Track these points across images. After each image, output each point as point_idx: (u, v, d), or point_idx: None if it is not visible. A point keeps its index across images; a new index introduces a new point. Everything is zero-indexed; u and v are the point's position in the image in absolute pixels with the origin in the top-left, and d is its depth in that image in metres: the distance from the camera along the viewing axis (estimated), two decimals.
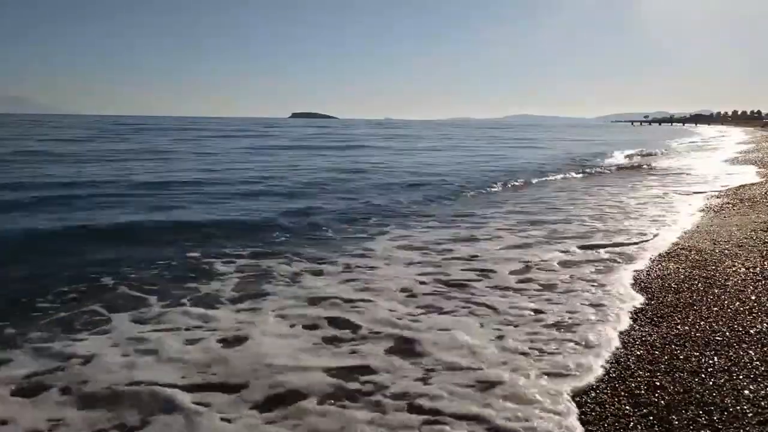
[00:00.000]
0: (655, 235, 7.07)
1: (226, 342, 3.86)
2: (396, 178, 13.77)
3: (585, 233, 7.41)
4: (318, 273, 5.59)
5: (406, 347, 3.77)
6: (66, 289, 4.90)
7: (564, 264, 5.83)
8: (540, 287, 5.07)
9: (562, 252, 6.32)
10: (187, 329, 4.10)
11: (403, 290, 5.02)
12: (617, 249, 6.41)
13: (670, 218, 8.42)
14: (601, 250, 6.35)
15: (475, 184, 12.59)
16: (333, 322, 4.27)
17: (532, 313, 4.38)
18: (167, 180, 12.53)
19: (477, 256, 6.24)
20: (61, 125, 60.13)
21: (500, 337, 3.90)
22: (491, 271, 5.58)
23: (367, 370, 3.44)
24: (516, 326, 4.11)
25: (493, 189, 12.28)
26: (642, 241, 6.63)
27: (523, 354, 3.60)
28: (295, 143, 32.23)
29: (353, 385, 3.24)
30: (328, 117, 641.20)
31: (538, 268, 5.67)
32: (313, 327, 4.18)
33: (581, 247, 6.54)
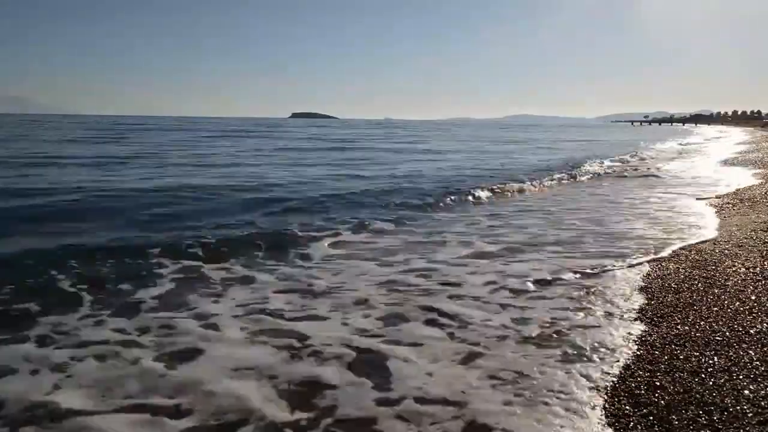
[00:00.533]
0: (656, 243, 7.05)
1: (164, 360, 3.58)
2: (388, 182, 13.15)
3: (571, 238, 7.36)
4: (266, 281, 5.35)
5: (365, 365, 3.53)
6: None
7: (551, 272, 5.54)
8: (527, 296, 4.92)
9: (545, 259, 6.15)
10: (113, 344, 3.81)
11: (358, 302, 4.73)
12: (615, 253, 6.41)
13: (669, 222, 8.41)
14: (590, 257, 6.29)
15: (465, 188, 11.81)
16: (282, 334, 4.03)
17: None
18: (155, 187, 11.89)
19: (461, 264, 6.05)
20: (62, 125, 60.04)
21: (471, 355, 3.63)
22: (462, 282, 5.27)
23: (323, 388, 3.23)
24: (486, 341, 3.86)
25: (481, 195, 11.22)
26: (644, 261, 6.23)
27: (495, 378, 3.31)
28: (297, 144, 32.16)
29: (303, 411, 3.00)
30: (328, 117, 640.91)
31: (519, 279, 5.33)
32: (257, 340, 3.92)
33: (563, 255, 6.37)
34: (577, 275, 5.40)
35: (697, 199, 10.53)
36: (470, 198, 10.82)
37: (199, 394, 3.15)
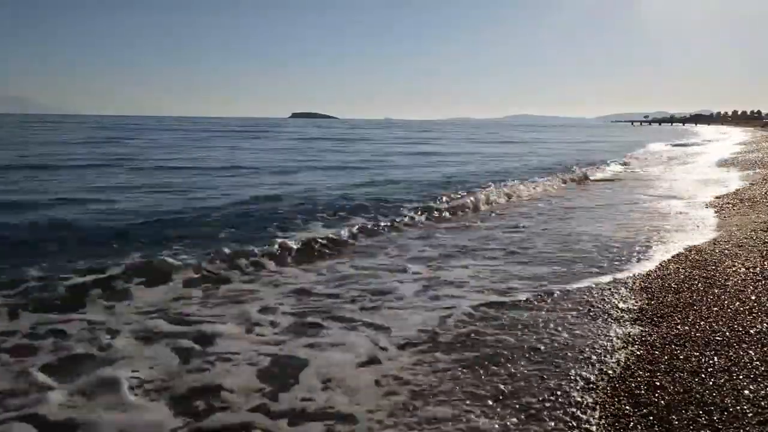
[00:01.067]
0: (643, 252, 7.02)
1: (53, 367, 3.49)
2: (364, 189, 12.20)
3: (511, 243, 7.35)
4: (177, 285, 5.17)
5: (267, 372, 3.44)
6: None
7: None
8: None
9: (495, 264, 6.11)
10: None
11: (268, 308, 4.60)
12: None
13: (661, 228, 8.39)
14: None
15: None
16: (182, 338, 3.94)
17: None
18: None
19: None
20: (63, 126, 59.97)
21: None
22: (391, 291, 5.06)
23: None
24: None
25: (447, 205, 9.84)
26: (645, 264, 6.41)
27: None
28: (293, 145, 32.05)
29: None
30: (329, 117, 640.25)
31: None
32: (157, 345, 3.83)
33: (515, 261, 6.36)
34: (546, 284, 5.33)
35: (697, 204, 10.53)
36: (435, 208, 9.37)
37: (86, 402, 3.07)
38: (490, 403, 3.02)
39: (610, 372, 3.30)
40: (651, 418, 2.78)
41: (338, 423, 2.88)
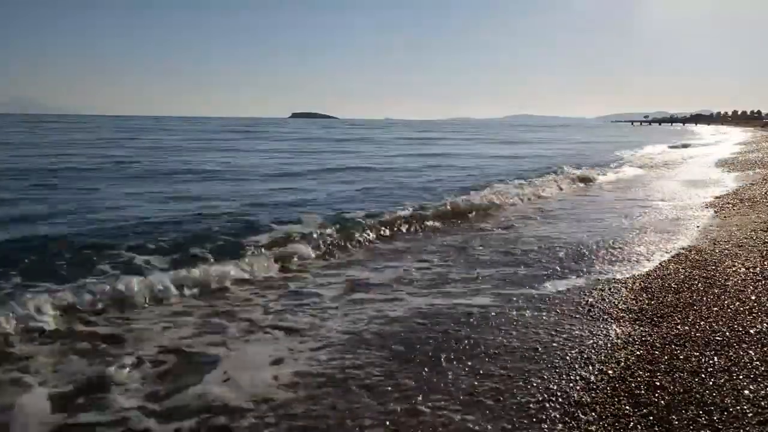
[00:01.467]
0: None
1: None
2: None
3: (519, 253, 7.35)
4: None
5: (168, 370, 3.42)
6: None
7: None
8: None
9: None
10: None
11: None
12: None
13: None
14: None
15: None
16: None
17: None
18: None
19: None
20: (68, 126, 59.89)
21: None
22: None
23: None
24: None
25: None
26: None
27: None
28: (289, 146, 31.90)
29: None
30: (329, 117, 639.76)
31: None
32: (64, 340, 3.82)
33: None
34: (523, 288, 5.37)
35: (697, 204, 10.53)
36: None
37: None
38: (403, 393, 3.05)
39: (610, 372, 3.31)
40: (651, 418, 2.78)
41: (216, 416, 2.88)
